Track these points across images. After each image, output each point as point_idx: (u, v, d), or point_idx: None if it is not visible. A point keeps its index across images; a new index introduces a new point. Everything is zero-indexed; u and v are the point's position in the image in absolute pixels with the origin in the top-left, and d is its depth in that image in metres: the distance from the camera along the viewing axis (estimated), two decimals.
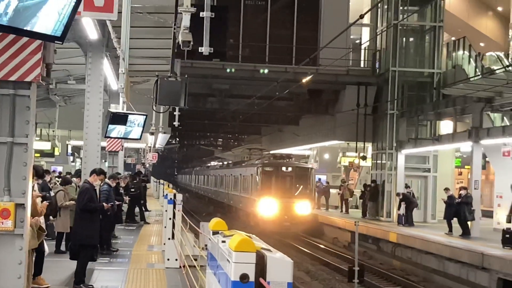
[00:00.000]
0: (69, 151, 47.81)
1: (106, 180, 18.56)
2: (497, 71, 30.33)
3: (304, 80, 32.21)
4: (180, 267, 16.96)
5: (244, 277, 4.75)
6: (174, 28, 14.27)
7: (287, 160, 44.54)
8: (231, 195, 53.69)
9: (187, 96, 14.62)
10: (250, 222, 43.33)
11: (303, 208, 40.60)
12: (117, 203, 20.64)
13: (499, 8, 55.02)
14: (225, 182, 58.79)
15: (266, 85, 38.32)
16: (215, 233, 6.11)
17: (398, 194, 35.62)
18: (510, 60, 39.94)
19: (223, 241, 5.48)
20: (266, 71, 41.22)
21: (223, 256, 5.29)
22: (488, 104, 30.97)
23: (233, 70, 41.26)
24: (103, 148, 23.97)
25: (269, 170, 42.00)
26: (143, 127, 21.34)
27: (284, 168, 41.89)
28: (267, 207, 40.51)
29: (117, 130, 20.91)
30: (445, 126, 40.13)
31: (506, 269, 21.72)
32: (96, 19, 14.03)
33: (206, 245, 17.58)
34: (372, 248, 33.70)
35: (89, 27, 14.88)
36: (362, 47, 45.80)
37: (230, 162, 70.24)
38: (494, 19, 56.47)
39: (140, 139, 22.23)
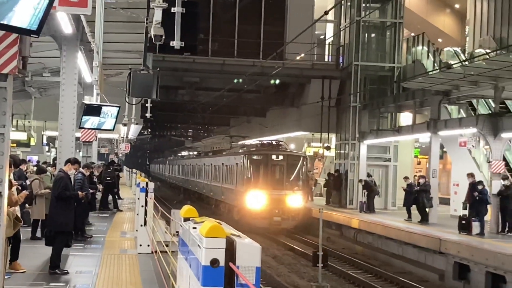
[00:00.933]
0: (45, 141, 47.41)
1: (80, 169, 18.46)
2: (454, 66, 30.58)
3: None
4: (152, 252, 16.90)
5: (214, 262, 4.75)
6: (147, 23, 14.21)
7: (277, 147, 38.27)
8: (211, 186, 47.75)
9: (159, 89, 14.59)
10: (234, 216, 37.57)
11: (296, 201, 35.38)
12: (91, 191, 20.55)
13: (456, 6, 55.38)
14: (204, 172, 52.23)
15: (234, 78, 38.41)
16: (186, 220, 6.10)
17: (360, 181, 35.83)
18: (466, 55, 40.25)
19: (194, 228, 5.47)
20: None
21: (194, 241, 5.27)
22: (445, 97, 31.21)
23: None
24: (77, 139, 23.79)
25: (257, 159, 36.38)
26: (116, 118, 21.18)
27: (274, 156, 36.28)
28: (255, 200, 35.15)
29: (91, 121, 20.74)
30: (405, 118, 40.48)
31: (462, 253, 21.93)
32: (70, 14, 13.90)
33: (177, 232, 17.55)
34: (336, 234, 33.85)
35: (63, 21, 14.74)
36: (327, 42, 45.94)
37: (210, 150, 63.19)
38: (451, 16, 56.83)
39: (113, 129, 22.07)
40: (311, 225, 35.38)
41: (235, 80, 40.34)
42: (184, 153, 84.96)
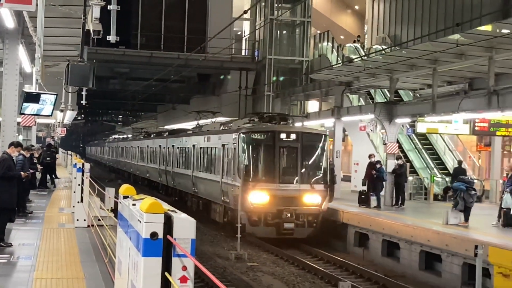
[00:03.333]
0: None
1: (21, 151, 18.11)
2: (354, 60, 31.00)
3: None
4: (88, 226, 16.72)
5: (154, 234, 4.74)
6: (83, 19, 14.03)
7: (285, 122, 25.68)
8: (179, 175, 33.93)
9: (94, 79, 14.46)
10: (217, 217, 26.72)
11: (315, 200, 23.14)
12: (31, 171, 20.16)
13: (356, 7, 56.06)
14: (163, 156, 38.45)
15: (161, 69, 38.15)
16: (125, 197, 6.06)
17: None
18: (365, 50, 40.88)
19: (134, 204, 5.43)
20: None
21: (134, 217, 5.24)
22: (347, 87, 31.64)
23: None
24: (18, 124, 23.25)
25: (258, 139, 23.45)
26: (54, 105, 20.81)
27: (283, 135, 23.29)
28: (255, 198, 22.64)
29: (30, 108, 20.33)
30: (312, 105, 40.90)
31: (361, 224, 22.31)
32: (14, 10, 13.57)
33: (111, 207, 17.40)
34: None
35: (6, 17, 14.37)
36: (244, 38, 46.08)
37: (174, 129, 46.05)
38: (352, 16, 57.55)
39: (51, 115, 21.71)
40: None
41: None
42: (129, 134, 71.98)
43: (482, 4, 32.03)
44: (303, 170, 23.45)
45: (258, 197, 22.63)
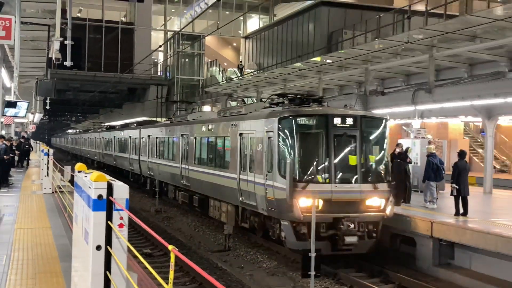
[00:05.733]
0: None
1: (4, 141, 17.28)
2: (234, 79, 31.27)
3: None
4: (53, 192, 16.16)
5: (100, 196, 4.72)
6: (47, 50, 13.51)
7: (324, 104, 12.90)
8: (158, 165, 21.91)
9: (56, 91, 13.99)
10: (224, 217, 14.59)
11: (378, 203, 11.04)
12: (11, 155, 19.21)
13: (234, 44, 56.24)
14: (135, 146, 25.95)
15: (102, 84, 37.19)
16: (79, 171, 5.95)
17: None
18: (242, 73, 41.30)
19: (85, 176, 5.35)
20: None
21: (86, 184, 5.18)
22: (229, 97, 31.90)
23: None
24: (1, 123, 22.04)
25: (307, 125, 10.87)
26: (27, 109, 20.01)
27: (337, 120, 10.98)
28: (305, 204, 10.29)
29: (10, 111, 19.74)
30: (207, 109, 40.95)
31: None
32: None
33: (69, 179, 16.83)
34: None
35: None
36: (159, 64, 45.59)
37: (142, 120, 32.47)
38: (232, 50, 57.68)
39: (25, 117, 20.78)
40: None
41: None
42: (81, 128, 58.80)
43: (314, 43, 32.99)
44: (366, 166, 11.44)
45: (309, 203, 10.30)
